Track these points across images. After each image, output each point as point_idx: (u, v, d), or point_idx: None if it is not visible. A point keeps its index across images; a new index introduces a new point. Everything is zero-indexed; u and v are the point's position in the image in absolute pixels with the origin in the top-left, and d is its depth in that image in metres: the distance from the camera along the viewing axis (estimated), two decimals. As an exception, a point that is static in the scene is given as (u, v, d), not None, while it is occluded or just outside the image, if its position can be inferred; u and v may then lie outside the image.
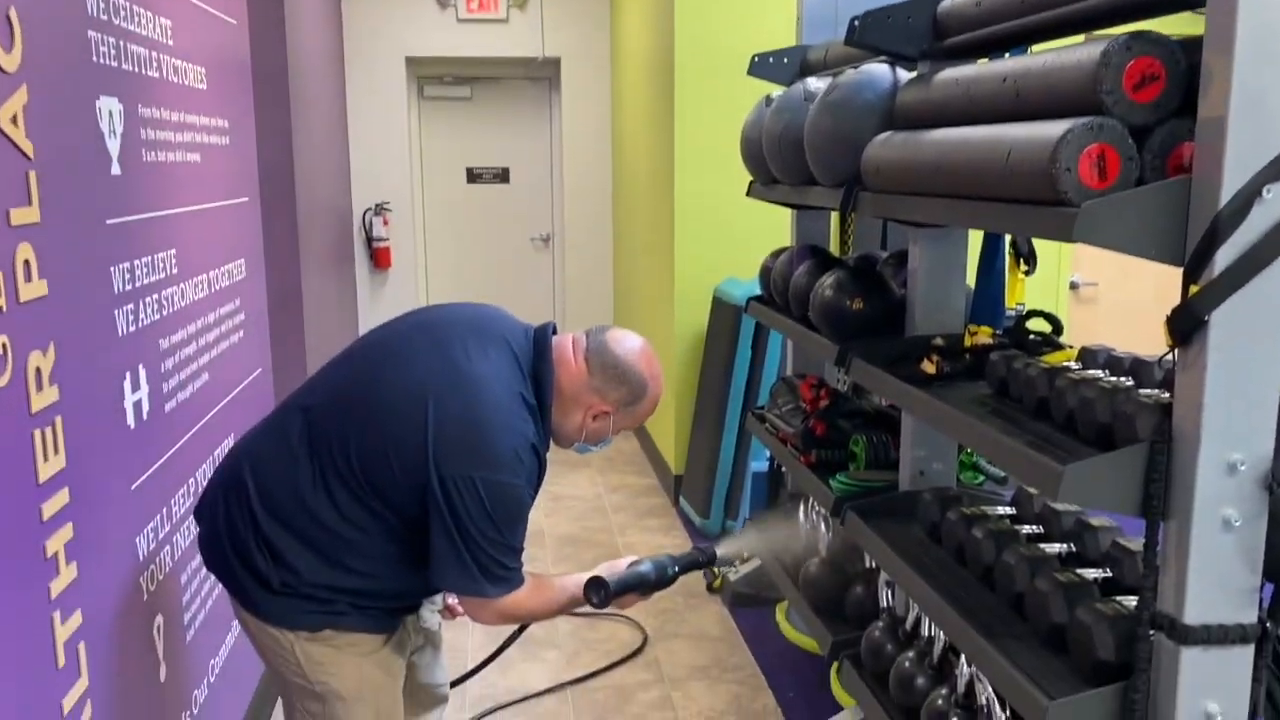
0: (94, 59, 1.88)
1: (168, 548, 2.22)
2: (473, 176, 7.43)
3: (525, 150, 7.49)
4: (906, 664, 2.39)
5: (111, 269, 1.93)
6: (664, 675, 3.42)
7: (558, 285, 7.65)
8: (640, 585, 2.07)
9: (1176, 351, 1.52)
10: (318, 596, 1.88)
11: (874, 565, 2.82)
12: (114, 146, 1.96)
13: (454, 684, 2.48)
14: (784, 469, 3.79)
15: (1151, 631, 1.57)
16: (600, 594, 2.01)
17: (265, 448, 1.92)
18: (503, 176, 7.47)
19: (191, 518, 2.40)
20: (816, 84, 2.88)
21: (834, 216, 3.80)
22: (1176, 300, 1.50)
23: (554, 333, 2.04)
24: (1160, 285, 1.56)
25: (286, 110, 4.08)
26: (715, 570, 4.10)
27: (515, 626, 2.24)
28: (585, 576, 2.06)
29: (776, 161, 3.00)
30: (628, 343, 2.01)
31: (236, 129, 2.95)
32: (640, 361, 2.00)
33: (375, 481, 1.84)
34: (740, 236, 4.77)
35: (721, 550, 2.30)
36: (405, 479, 1.82)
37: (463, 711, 3.19)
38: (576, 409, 1.98)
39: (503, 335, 1.97)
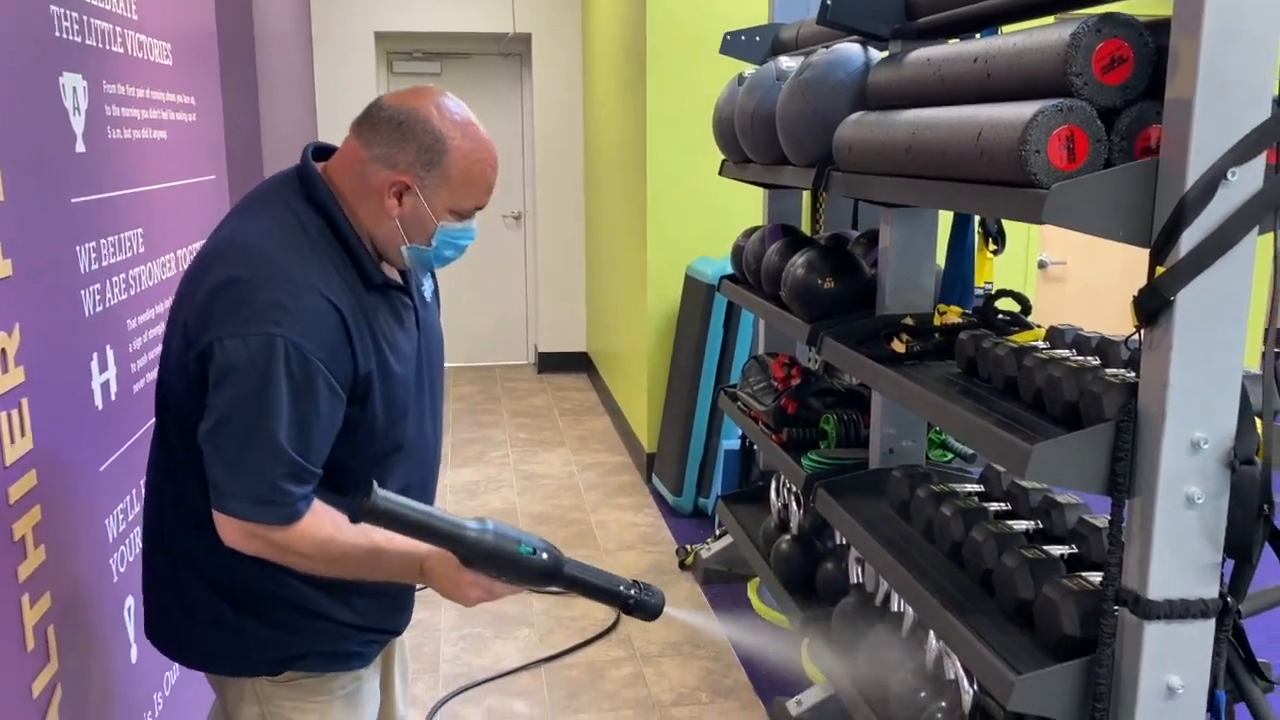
0: (56, 34, 1.85)
1: (137, 529, 2.21)
2: (443, 153, 7.38)
3: (496, 127, 7.42)
4: (876, 640, 2.43)
5: (77, 248, 1.91)
6: (636, 652, 3.44)
7: (529, 264, 7.63)
8: (445, 536, 1.49)
9: (1142, 332, 1.55)
10: (275, 619, 1.62)
11: (844, 542, 2.84)
12: (78, 124, 1.93)
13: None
14: (756, 447, 3.82)
15: (1116, 607, 1.60)
16: (363, 498, 1.42)
17: (149, 479, 1.70)
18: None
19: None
20: (789, 63, 2.88)
21: (806, 196, 3.81)
22: (1143, 279, 1.52)
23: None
24: (1127, 264, 1.58)
25: (254, 86, 4.02)
26: (688, 547, 4.12)
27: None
28: (424, 548, 1.54)
29: (749, 140, 3.00)
30: (408, 92, 1.57)
31: (203, 105, 2.91)
32: (425, 107, 1.54)
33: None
34: (713, 215, 4.77)
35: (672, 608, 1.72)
36: (191, 399, 1.49)
37: (436, 689, 3.20)
38: (370, 197, 1.55)
39: (270, 193, 1.60)
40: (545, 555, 1.54)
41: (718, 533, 4.10)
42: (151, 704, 2.25)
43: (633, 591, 1.61)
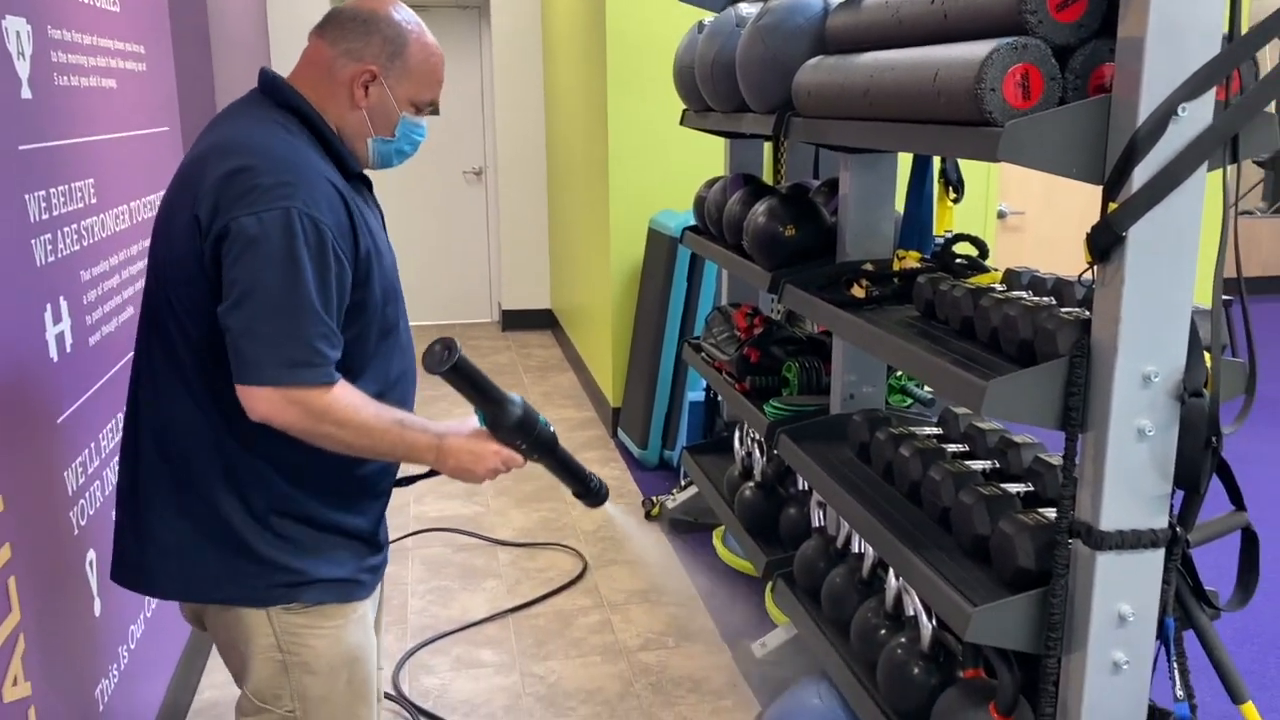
0: (-2, -24, 1.80)
1: (98, 482, 2.19)
2: (402, 109, 7.28)
3: (455, 81, 7.33)
4: (837, 580, 2.47)
5: (26, 197, 1.87)
6: (604, 600, 3.48)
7: (491, 220, 7.57)
8: (496, 399, 1.66)
9: (1095, 268, 1.57)
10: (287, 534, 1.64)
11: (806, 487, 2.88)
12: (23, 69, 1.89)
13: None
14: (719, 398, 3.84)
15: (1069, 539, 1.63)
16: (446, 352, 1.61)
17: (136, 390, 1.68)
18: (432, 108, 7.32)
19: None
20: (748, 9, 2.86)
21: (767, 146, 3.81)
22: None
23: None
24: (1085, 214, 1.60)
25: (205, 37, 3.94)
26: (654, 499, 4.15)
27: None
28: (439, 426, 1.68)
29: (709, 88, 2.99)
30: None
31: (154, 55, 2.85)
32: (384, 7, 1.68)
33: (197, 322, 1.55)
34: (675, 168, 4.76)
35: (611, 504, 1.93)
36: (206, 285, 1.53)
37: (404, 640, 3.21)
38: (338, 93, 1.65)
39: (238, 110, 1.69)
40: (553, 430, 1.76)
41: (683, 483, 4.14)
42: (117, 657, 2.24)
43: (594, 481, 1.86)
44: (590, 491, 1.85)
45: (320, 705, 1.71)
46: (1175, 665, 1.64)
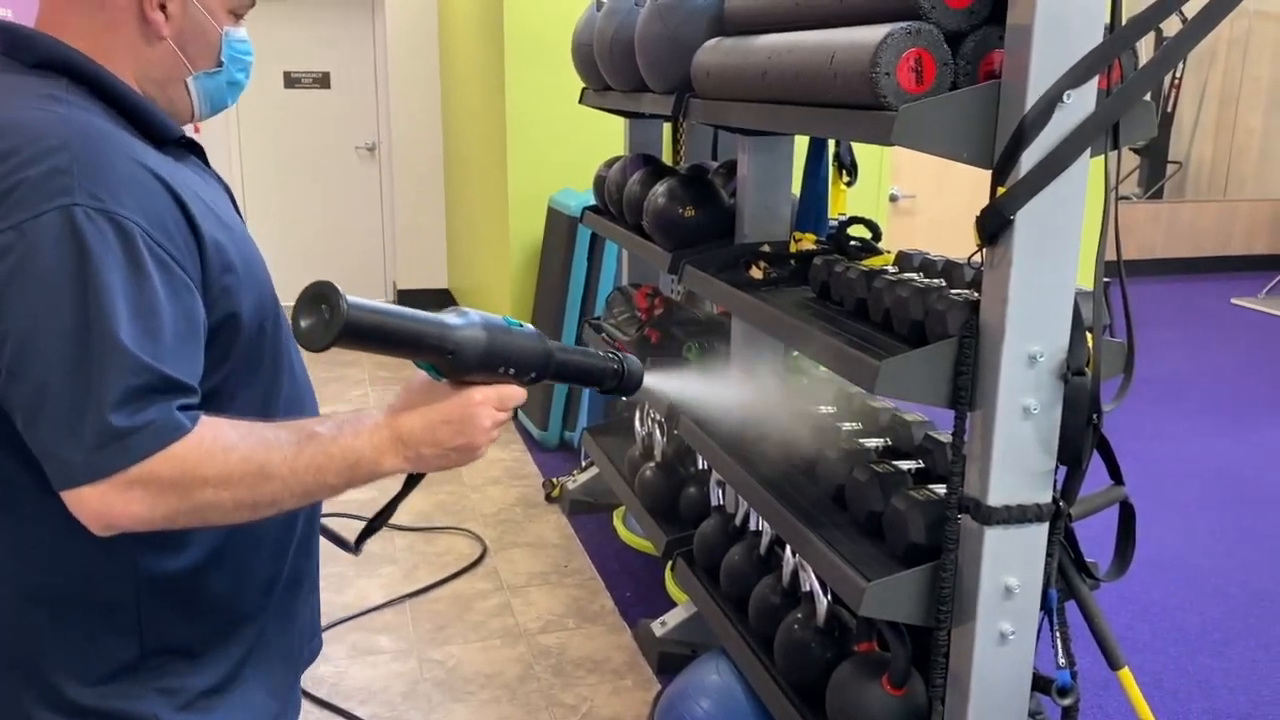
0: None
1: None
2: (290, 81, 7.06)
3: (347, 53, 7.15)
4: (736, 558, 2.50)
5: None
6: (504, 583, 3.46)
7: (386, 197, 7.41)
8: (435, 342, 1.09)
9: (984, 251, 1.61)
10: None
11: (706, 466, 2.90)
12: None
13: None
14: (619, 378, 3.84)
15: (959, 514, 1.68)
16: (327, 311, 1.07)
17: None
18: (323, 81, 7.12)
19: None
20: (647, -13, 2.85)
21: (667, 127, 3.81)
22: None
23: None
24: (973, 198, 1.64)
25: None
26: (554, 480, 4.14)
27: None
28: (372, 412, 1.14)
29: (608, 66, 2.97)
30: None
31: (23, 19, 2.70)
32: None
33: None
34: (574, 147, 4.72)
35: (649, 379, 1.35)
36: None
37: (298, 629, 3.14)
38: (120, 27, 1.14)
39: None
40: (529, 328, 1.18)
41: (584, 464, 4.13)
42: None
43: (616, 363, 1.28)
44: (620, 378, 1.28)
45: None
46: (1058, 635, 1.71)
